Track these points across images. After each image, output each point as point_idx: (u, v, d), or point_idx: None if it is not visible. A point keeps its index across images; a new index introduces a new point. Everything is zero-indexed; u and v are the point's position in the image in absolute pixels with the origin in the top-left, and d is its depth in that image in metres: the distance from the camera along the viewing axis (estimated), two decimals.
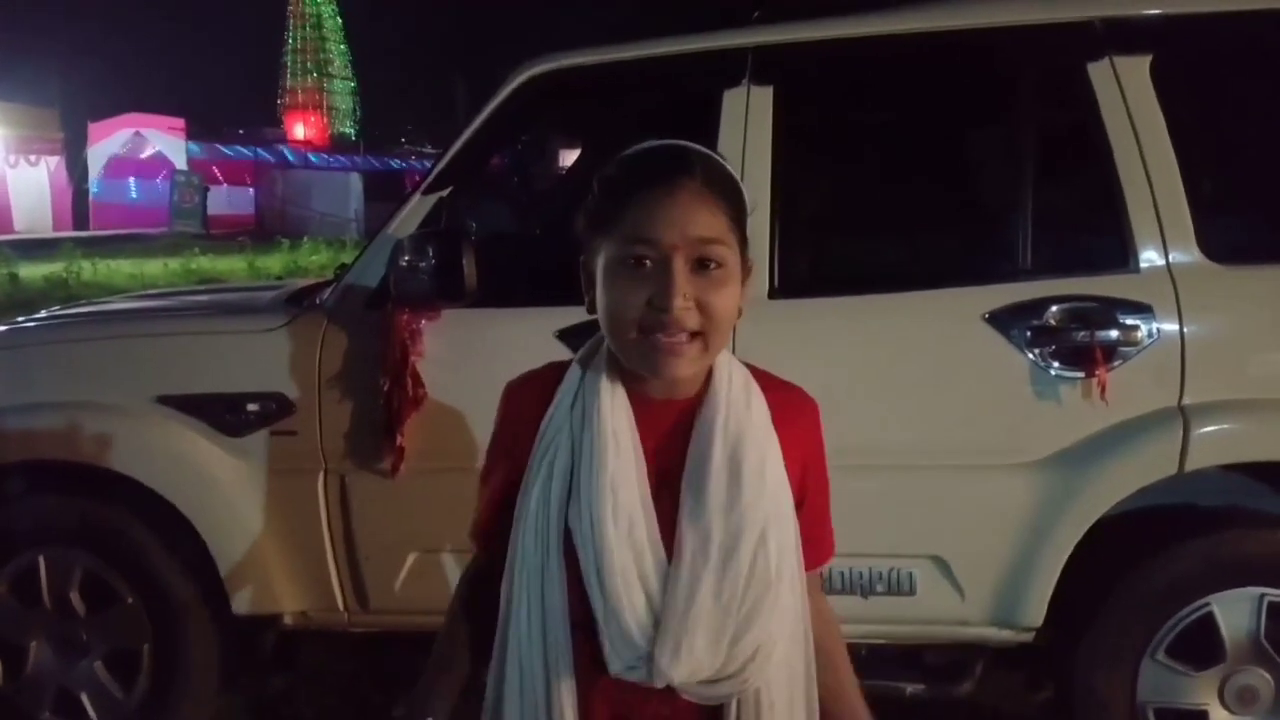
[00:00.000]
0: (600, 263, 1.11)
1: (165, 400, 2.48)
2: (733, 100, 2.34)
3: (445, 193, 2.45)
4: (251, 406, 2.44)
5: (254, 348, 2.49)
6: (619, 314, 1.08)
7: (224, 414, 2.45)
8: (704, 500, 1.10)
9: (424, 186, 2.48)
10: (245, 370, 2.48)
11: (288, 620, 2.55)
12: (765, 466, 1.13)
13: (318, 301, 2.59)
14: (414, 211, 2.47)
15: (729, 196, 1.11)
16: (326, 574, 2.48)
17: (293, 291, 3.00)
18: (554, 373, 1.22)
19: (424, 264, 2.24)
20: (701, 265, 1.08)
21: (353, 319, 2.45)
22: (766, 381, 1.21)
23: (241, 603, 2.48)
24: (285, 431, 2.44)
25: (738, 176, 1.14)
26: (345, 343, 2.42)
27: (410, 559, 2.44)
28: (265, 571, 2.47)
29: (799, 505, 1.18)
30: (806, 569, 1.21)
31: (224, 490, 2.46)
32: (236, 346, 2.53)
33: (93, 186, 33.01)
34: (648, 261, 1.07)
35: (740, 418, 1.14)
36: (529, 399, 1.20)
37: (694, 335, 1.08)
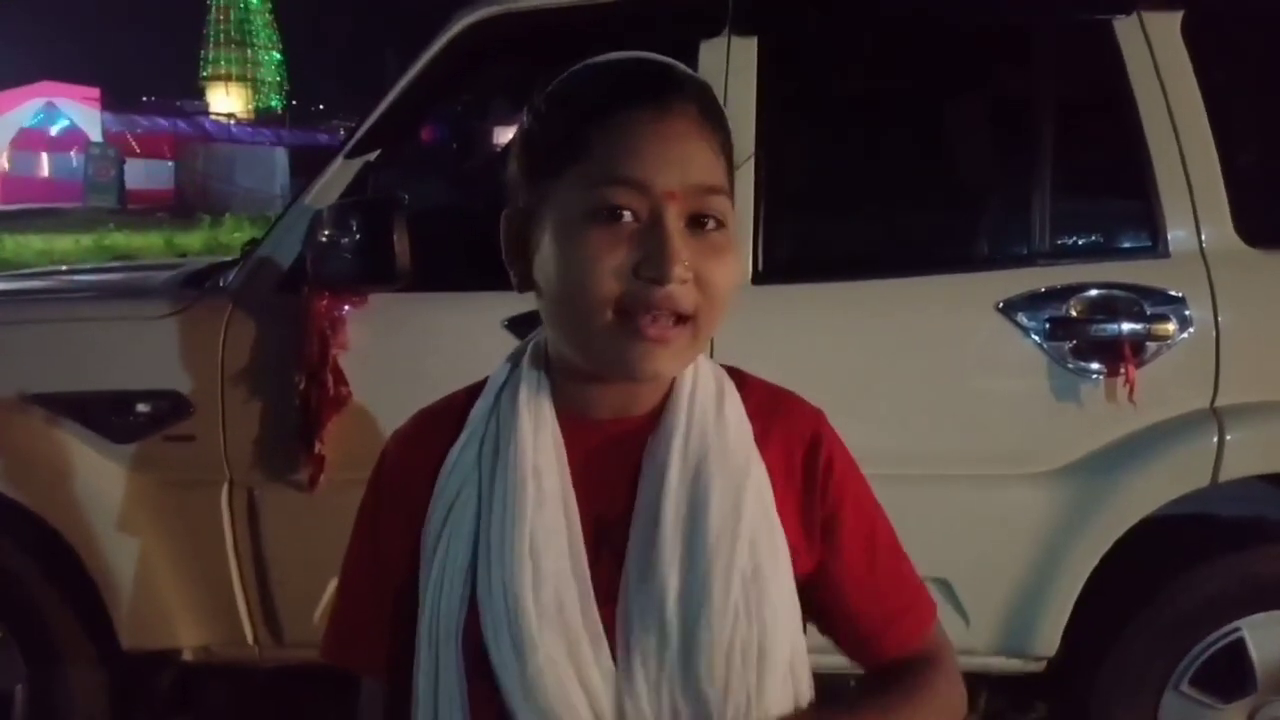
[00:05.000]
0: (552, 218, 0.81)
1: (38, 399, 2.23)
2: (710, 53, 2.13)
3: (373, 156, 2.22)
4: (141, 407, 2.20)
5: (144, 337, 2.24)
6: (588, 288, 0.78)
7: (108, 416, 2.22)
8: (655, 558, 0.80)
9: (348, 149, 2.23)
10: (133, 364, 2.24)
11: (187, 656, 2.33)
12: (742, 500, 0.82)
13: (221, 284, 2.37)
14: (336, 178, 2.23)
15: (725, 134, 0.84)
16: (232, 602, 2.26)
17: (193, 271, 2.76)
18: (458, 404, 0.91)
19: (347, 240, 2.02)
20: (697, 223, 0.80)
21: (263, 304, 2.22)
22: (749, 387, 0.90)
23: (131, 637, 2.23)
24: (181, 436, 2.20)
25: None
26: (253, 332, 2.20)
27: (332, 584, 2.16)
28: (159, 600, 2.23)
29: (822, 558, 0.88)
30: (897, 648, 0.90)
31: (108, 505, 2.21)
32: (123, 336, 2.28)
33: (2, 159, 32.14)
34: (627, 214, 0.78)
35: (705, 434, 0.84)
36: (416, 453, 0.90)
37: (681, 320, 0.79)
